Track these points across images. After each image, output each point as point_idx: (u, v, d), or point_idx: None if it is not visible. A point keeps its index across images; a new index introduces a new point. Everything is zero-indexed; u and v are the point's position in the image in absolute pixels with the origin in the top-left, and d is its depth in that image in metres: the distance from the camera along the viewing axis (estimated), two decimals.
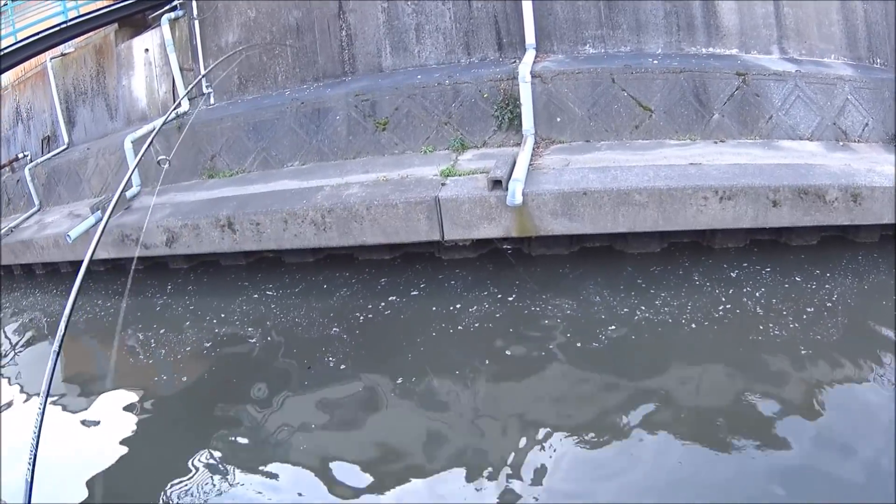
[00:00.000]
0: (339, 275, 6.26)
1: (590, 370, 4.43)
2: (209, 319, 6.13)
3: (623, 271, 5.56)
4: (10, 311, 8.77)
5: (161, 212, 6.75)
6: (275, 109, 6.88)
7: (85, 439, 4.95)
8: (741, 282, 5.10)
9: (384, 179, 5.89)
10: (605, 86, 6.54)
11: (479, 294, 5.51)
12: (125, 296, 7.21)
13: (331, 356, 5.08)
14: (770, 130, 6.45)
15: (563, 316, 5.06)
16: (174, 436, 4.70)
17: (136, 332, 6.36)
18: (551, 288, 5.42)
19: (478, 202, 5.55)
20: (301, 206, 5.69)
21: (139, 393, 5.30)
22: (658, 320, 4.75)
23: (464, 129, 6.38)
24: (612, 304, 5.08)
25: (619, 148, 6.42)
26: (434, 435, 4.08)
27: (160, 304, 6.73)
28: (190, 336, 5.97)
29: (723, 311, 4.76)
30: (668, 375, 4.23)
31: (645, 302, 4.98)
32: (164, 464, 4.37)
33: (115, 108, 8.75)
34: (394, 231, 5.57)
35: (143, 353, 5.97)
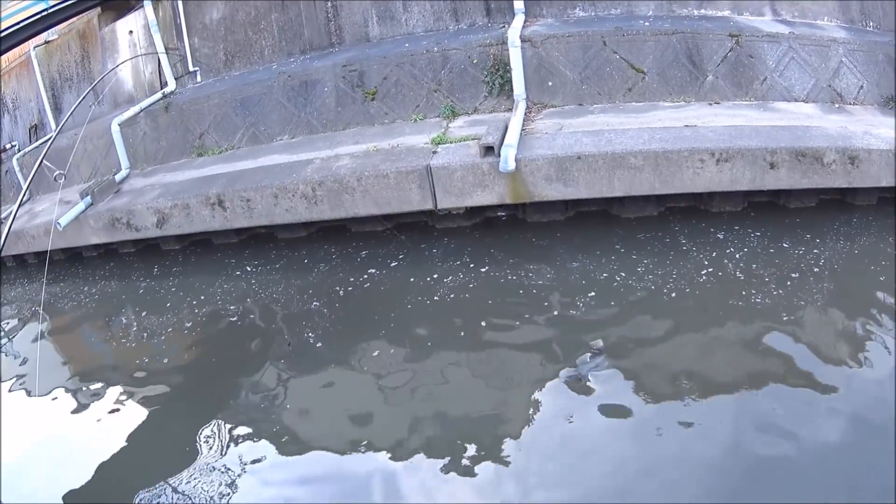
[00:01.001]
0: (329, 248, 5.96)
1: (565, 338, 4.16)
2: (193, 300, 5.90)
3: (615, 236, 5.29)
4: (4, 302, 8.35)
5: (151, 193, 6.36)
6: (262, 84, 6.46)
7: (64, 427, 4.76)
8: (727, 246, 4.89)
9: (374, 150, 5.52)
10: (597, 49, 6.16)
11: (474, 262, 5.25)
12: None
13: (310, 331, 4.87)
14: (765, 92, 6.13)
15: (550, 283, 4.83)
16: (155, 419, 4.50)
17: (119, 317, 6.02)
18: (543, 254, 5.19)
19: (470, 169, 5.23)
20: (291, 181, 5.32)
21: (120, 377, 5.10)
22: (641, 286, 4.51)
23: (454, 95, 6.00)
24: (593, 270, 4.86)
25: (612, 111, 6.09)
26: (407, 408, 3.92)
27: (143, 286, 6.42)
28: (172, 317, 5.73)
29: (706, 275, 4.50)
30: (645, 343, 4.01)
31: (626, 268, 4.76)
32: (142, 449, 4.21)
33: (101, 91, 8.27)
34: (386, 202, 5.23)
35: (126, 337, 5.68)
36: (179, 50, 7.41)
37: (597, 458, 3.23)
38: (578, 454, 3.29)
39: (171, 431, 4.33)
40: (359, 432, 3.81)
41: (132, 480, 3.89)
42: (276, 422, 4.06)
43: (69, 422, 4.81)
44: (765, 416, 3.15)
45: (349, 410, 4.02)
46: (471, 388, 3.96)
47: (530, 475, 3.25)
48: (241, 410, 4.28)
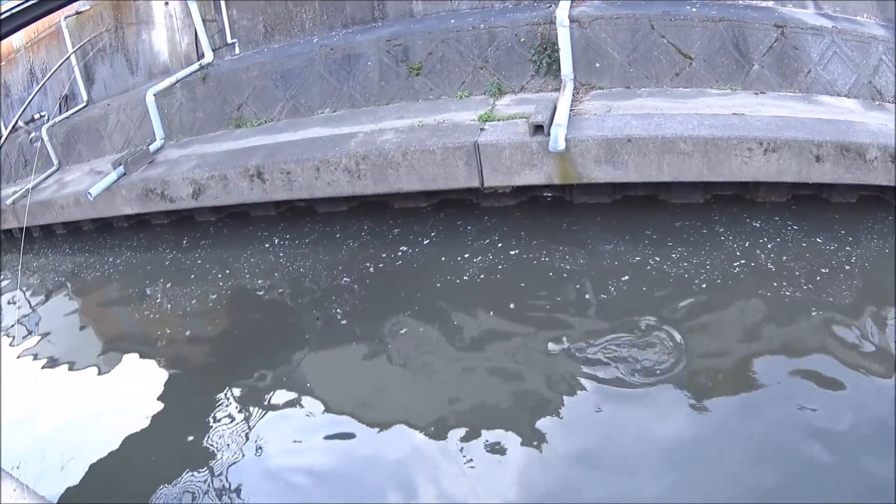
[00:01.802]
0: (363, 224, 5.71)
1: (594, 323, 3.90)
2: (219, 272, 5.68)
3: (653, 221, 5.00)
4: (22, 272, 7.97)
5: (186, 164, 5.97)
6: (303, 57, 6.06)
7: (84, 398, 4.54)
8: (762, 236, 4.62)
9: (419, 125, 5.14)
10: (645, 32, 5.80)
11: (507, 243, 4.98)
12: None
13: (338, 307, 4.62)
14: (809, 84, 5.78)
15: (583, 266, 4.57)
16: (177, 390, 4.30)
17: (145, 288, 5.71)
18: (578, 237, 4.93)
19: (519, 148, 4.93)
20: (334, 154, 4.95)
21: (143, 348, 4.89)
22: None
23: (500, 73, 5.61)
24: (627, 254, 4.59)
25: (659, 95, 5.76)
26: (431, 388, 3.72)
27: (170, 258, 6.15)
28: (197, 289, 5.51)
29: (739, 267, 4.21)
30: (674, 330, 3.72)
31: (661, 253, 4.50)
32: (162, 421, 3.98)
33: (135, 63, 7.86)
34: (431, 178, 4.88)
35: (151, 308, 5.49)
36: (217, 22, 6.98)
37: (615, 446, 3.03)
38: (599, 439, 3.10)
39: (192, 403, 4.10)
40: (382, 411, 3.59)
41: (150, 451, 3.71)
42: (299, 397, 3.84)
43: (90, 391, 4.60)
44: (787, 411, 3.00)
45: (373, 389, 3.79)
46: (497, 371, 3.72)
47: (547, 461, 3.06)
48: (264, 384, 4.05)
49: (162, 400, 4.20)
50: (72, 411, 4.44)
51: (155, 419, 4.03)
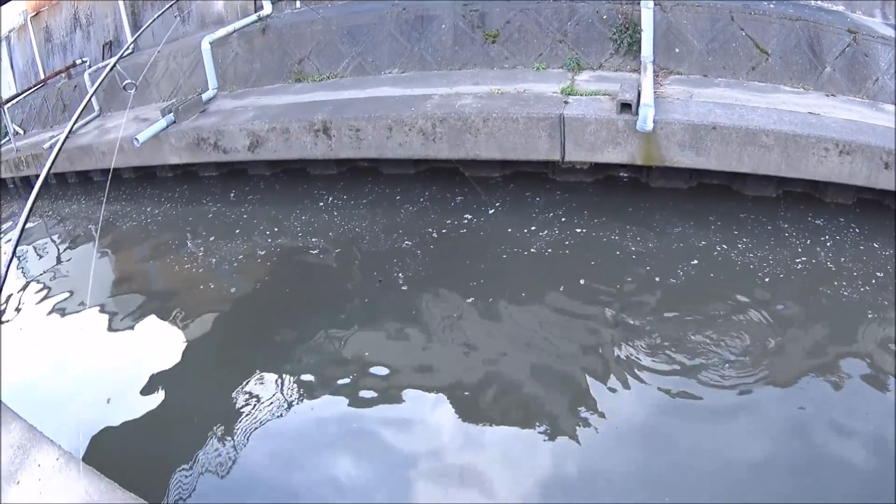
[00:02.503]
0: (424, 189, 5.30)
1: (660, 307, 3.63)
2: (267, 229, 5.25)
3: (721, 210, 4.72)
4: (54, 220, 7.40)
5: (243, 115, 5.46)
6: (373, 14, 5.58)
7: (124, 354, 4.09)
8: (823, 234, 4.42)
9: (499, 92, 4.71)
10: (724, 22, 5.45)
11: (575, 218, 4.66)
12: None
13: (399, 272, 4.26)
14: (876, 92, 5.55)
15: (652, 249, 4.27)
16: (220, 352, 3.90)
17: (185, 241, 5.21)
18: (659, 220, 4.61)
19: (604, 124, 4.61)
20: (409, 114, 4.50)
21: (185, 305, 4.46)
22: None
23: (579, 49, 5.19)
24: (694, 240, 4.32)
25: (737, 87, 5.50)
26: (488, 362, 3.39)
27: (214, 211, 5.69)
28: (242, 244, 5.10)
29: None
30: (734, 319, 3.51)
31: (727, 242, 4.26)
32: (206, 386, 3.58)
33: (187, 11, 7.32)
34: (511, 147, 4.48)
35: (192, 262, 5.02)
36: None
37: (663, 435, 2.80)
38: (652, 425, 2.86)
39: (236, 362, 3.69)
40: (435, 381, 3.27)
41: (184, 412, 3.36)
42: (353, 361, 3.48)
43: (120, 347, 4.19)
44: (834, 413, 2.82)
45: (431, 358, 3.46)
46: (557, 351, 3.41)
47: (600, 447, 2.81)
48: (315, 346, 3.69)
49: (202, 359, 3.82)
50: (102, 367, 3.94)
51: (192, 379, 3.66)
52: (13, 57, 9.90)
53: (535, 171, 4.97)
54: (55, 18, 9.02)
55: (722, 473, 2.59)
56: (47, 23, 9.14)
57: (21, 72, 9.87)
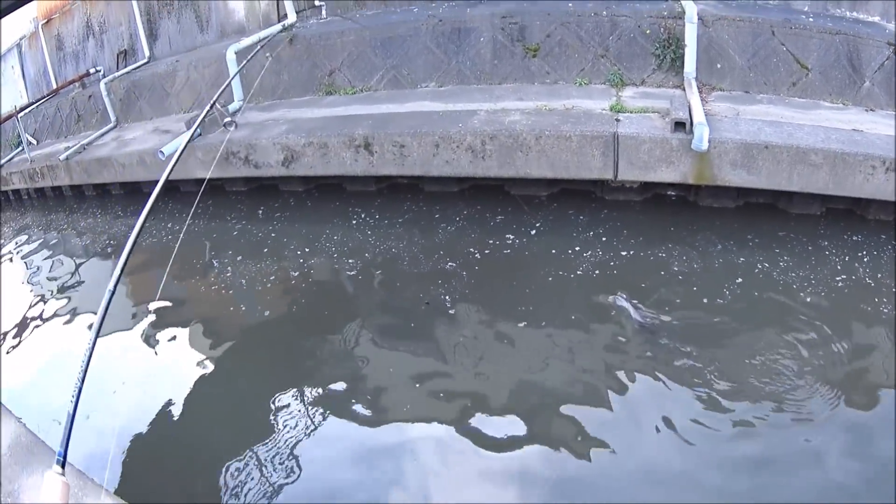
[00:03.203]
0: (463, 208, 5.02)
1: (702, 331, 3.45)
2: (299, 248, 4.95)
3: (760, 229, 4.53)
4: (72, 233, 6.98)
5: (276, 128, 5.11)
6: (407, 26, 5.25)
7: (149, 375, 3.85)
8: (860, 250, 4.26)
9: (546, 109, 4.41)
10: (765, 37, 5.21)
11: (616, 239, 4.45)
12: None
13: (445, 294, 4.01)
14: None
15: (698, 269, 4.09)
16: (255, 379, 3.61)
17: (210, 259, 4.82)
18: (706, 239, 4.42)
19: (658, 143, 4.40)
20: (457, 130, 4.19)
21: (214, 330, 4.19)
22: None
23: (621, 64, 4.92)
24: (736, 259, 4.15)
25: (779, 103, 5.27)
26: (535, 387, 3.17)
27: (239, 228, 5.35)
28: (273, 265, 4.80)
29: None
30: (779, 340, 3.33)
31: (769, 261, 4.08)
32: (238, 408, 3.33)
33: (206, 19, 6.91)
34: (563, 165, 4.20)
35: (218, 283, 4.55)
36: None
37: (720, 459, 2.62)
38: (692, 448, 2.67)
39: (273, 392, 3.39)
40: (493, 407, 3.06)
41: (209, 438, 3.15)
42: (403, 388, 3.25)
43: (138, 370, 3.92)
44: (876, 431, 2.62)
45: (486, 385, 3.23)
46: (607, 378, 3.19)
47: (649, 470, 2.62)
48: (360, 372, 3.43)
49: (235, 387, 3.53)
50: (118, 389, 3.66)
51: (222, 405, 3.40)
52: (24, 65, 9.42)
53: (583, 189, 4.66)
54: (67, 26, 8.56)
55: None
56: (59, 30, 8.67)
57: (32, 80, 9.40)
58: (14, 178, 8.06)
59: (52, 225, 7.80)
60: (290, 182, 5.46)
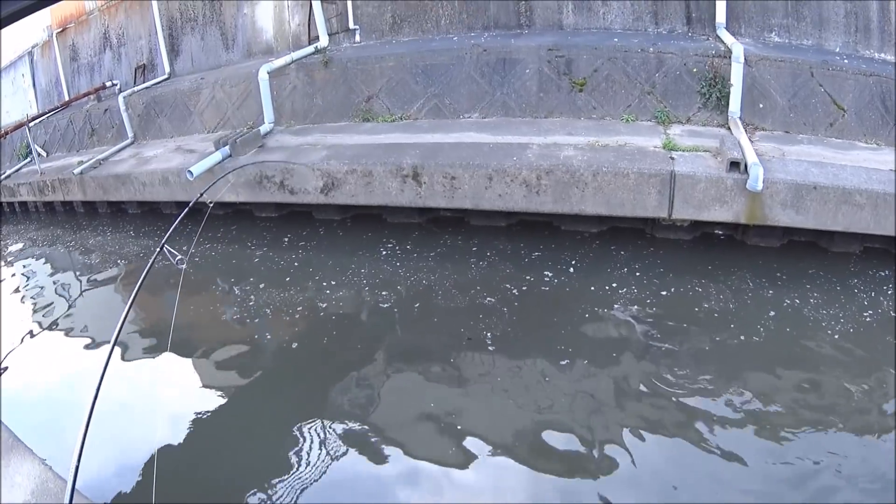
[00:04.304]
0: (502, 243, 4.86)
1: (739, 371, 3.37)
2: (325, 280, 4.71)
3: (793, 266, 4.48)
4: (78, 251, 6.57)
5: (313, 153, 4.83)
6: (450, 54, 5.04)
7: (163, 405, 3.59)
8: (885, 284, 4.24)
9: (600, 145, 4.24)
10: (804, 78, 5.18)
11: (648, 275, 4.35)
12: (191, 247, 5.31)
13: (485, 330, 3.86)
14: None
15: (731, 307, 3.99)
16: (284, 413, 3.36)
17: (231, 287, 4.51)
18: (749, 278, 4.32)
19: (714, 182, 4.34)
20: (512, 164, 3.98)
21: (235, 356, 3.97)
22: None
23: (667, 101, 4.77)
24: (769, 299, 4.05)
25: (818, 143, 5.33)
26: (570, 427, 2.99)
27: (259, 255, 5.09)
28: (298, 295, 4.57)
29: None
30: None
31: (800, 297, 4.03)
32: (257, 441, 3.13)
33: (232, 38, 6.59)
34: (618, 203, 4.06)
35: (242, 314, 4.50)
36: (337, 5, 5.84)
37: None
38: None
39: (304, 429, 3.16)
40: (534, 453, 2.88)
41: (224, 470, 2.97)
42: (445, 425, 3.06)
43: (158, 396, 3.69)
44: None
45: (525, 429, 3.03)
46: (650, 420, 3.05)
47: None
48: (397, 408, 3.24)
49: (261, 422, 3.30)
50: (133, 416, 3.43)
51: (229, 444, 3.16)
52: (35, 74, 8.95)
53: (633, 227, 4.47)
54: (83, 36, 8.15)
55: None
56: (74, 40, 8.26)
57: (43, 90, 8.93)
58: (22, 189, 7.59)
59: (58, 240, 7.37)
60: (327, 210, 5.17)
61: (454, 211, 4.84)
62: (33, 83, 8.91)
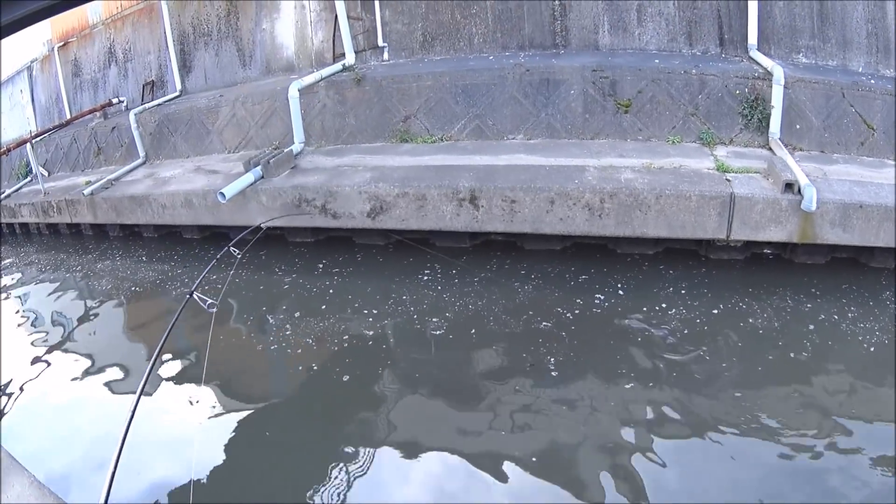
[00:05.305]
0: (548, 266, 4.78)
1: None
2: (365, 307, 4.49)
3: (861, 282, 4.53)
4: (89, 276, 6.18)
5: (356, 175, 4.61)
6: (492, 73, 4.90)
7: (203, 433, 3.40)
8: None
9: (655, 167, 4.19)
10: (837, 99, 5.29)
11: (693, 295, 4.35)
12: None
13: (548, 354, 3.76)
14: None
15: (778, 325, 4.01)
16: (333, 449, 3.16)
17: (263, 315, 4.54)
18: (801, 295, 4.36)
19: (770, 203, 4.42)
20: (574, 187, 3.87)
21: (284, 394, 3.77)
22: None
23: (710, 123, 4.74)
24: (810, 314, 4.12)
25: (852, 163, 5.46)
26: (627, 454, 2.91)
27: (288, 281, 4.87)
28: (339, 323, 4.34)
29: None
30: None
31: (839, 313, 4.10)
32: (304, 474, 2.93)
33: (249, 53, 6.32)
34: (680, 224, 4.03)
35: (280, 340, 4.26)
36: (364, 21, 5.64)
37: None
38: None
39: (356, 464, 3.00)
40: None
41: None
42: (525, 460, 2.91)
43: (192, 427, 3.47)
44: None
45: (604, 456, 2.95)
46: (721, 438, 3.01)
47: None
48: (464, 439, 3.06)
49: (306, 458, 3.07)
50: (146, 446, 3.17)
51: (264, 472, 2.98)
52: (35, 90, 8.44)
53: (688, 249, 4.39)
54: (86, 51, 7.72)
55: None
56: (76, 55, 7.82)
57: (43, 107, 8.43)
58: (24, 210, 7.11)
59: (62, 265, 6.89)
60: (370, 235, 4.92)
61: (508, 235, 4.66)
62: (32, 99, 8.40)
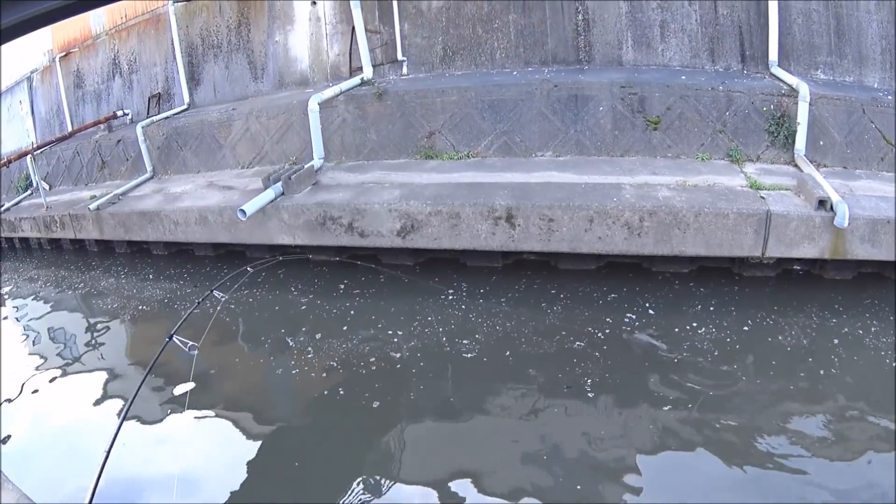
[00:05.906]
0: (575, 286, 4.71)
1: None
2: (390, 328, 4.36)
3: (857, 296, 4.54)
4: (92, 294, 5.94)
5: (384, 193, 4.47)
6: (518, 89, 4.82)
7: (224, 457, 3.28)
8: None
9: (690, 185, 4.14)
10: (857, 115, 5.36)
11: (720, 313, 4.34)
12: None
13: (585, 375, 3.70)
14: None
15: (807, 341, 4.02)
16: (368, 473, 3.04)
17: (283, 338, 4.43)
18: (828, 311, 4.38)
19: (804, 220, 4.45)
20: (613, 205, 3.80)
21: (313, 416, 3.62)
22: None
23: (738, 139, 4.73)
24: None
25: (874, 178, 5.62)
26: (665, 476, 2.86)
27: (305, 304, 4.76)
28: (361, 345, 4.20)
29: None
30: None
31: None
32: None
33: (261, 66, 6.15)
34: (717, 243, 4.04)
35: (302, 366, 4.06)
36: (382, 34, 5.53)
37: None
38: None
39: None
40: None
41: None
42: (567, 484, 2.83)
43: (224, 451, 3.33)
44: None
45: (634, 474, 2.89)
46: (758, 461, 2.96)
47: None
48: (504, 465, 2.97)
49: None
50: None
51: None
52: (35, 101, 8.13)
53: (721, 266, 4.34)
54: (89, 62, 7.46)
55: None
56: (79, 66, 7.56)
57: (43, 119, 8.12)
58: (25, 224, 6.82)
59: (64, 282, 6.60)
60: (399, 255, 4.75)
61: (542, 254, 4.53)
62: (32, 110, 8.08)
